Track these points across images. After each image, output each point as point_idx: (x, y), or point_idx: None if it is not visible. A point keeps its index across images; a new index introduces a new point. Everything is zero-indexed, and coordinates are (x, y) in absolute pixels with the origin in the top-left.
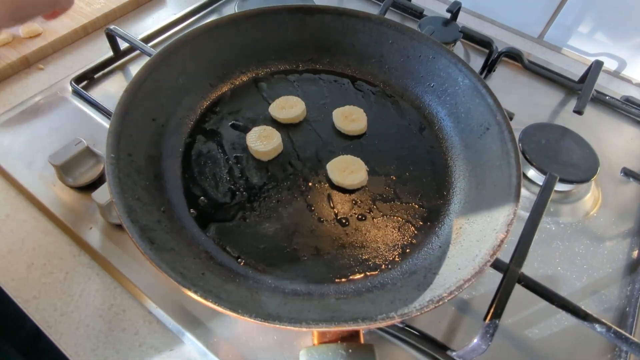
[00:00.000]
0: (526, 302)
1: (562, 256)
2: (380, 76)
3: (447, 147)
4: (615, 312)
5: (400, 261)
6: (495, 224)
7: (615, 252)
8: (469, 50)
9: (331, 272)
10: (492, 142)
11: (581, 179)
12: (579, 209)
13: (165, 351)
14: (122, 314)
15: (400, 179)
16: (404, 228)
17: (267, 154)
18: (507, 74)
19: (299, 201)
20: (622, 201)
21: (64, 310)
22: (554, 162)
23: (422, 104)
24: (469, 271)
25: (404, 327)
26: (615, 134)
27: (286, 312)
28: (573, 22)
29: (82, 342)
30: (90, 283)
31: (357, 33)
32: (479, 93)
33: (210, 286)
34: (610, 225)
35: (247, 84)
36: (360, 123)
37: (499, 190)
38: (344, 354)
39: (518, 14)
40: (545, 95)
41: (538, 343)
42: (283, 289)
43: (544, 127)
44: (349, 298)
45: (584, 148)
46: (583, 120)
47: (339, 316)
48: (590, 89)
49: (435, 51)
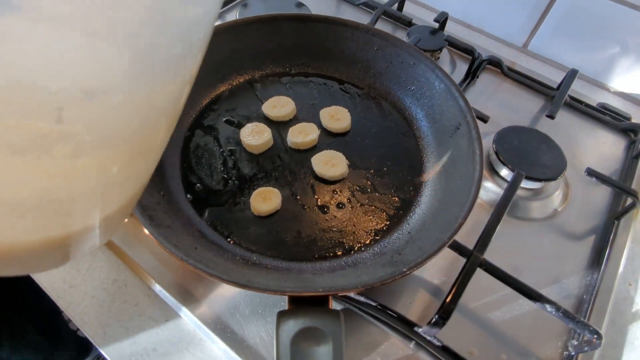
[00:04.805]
0: (492, 289)
1: (529, 249)
2: (366, 80)
3: (423, 146)
4: (575, 300)
5: (372, 244)
6: (457, 213)
7: (579, 246)
8: (455, 57)
9: (310, 253)
10: (461, 140)
11: (547, 177)
12: (548, 206)
13: (162, 322)
14: (124, 288)
15: (378, 173)
16: (379, 216)
17: (258, 147)
18: (490, 81)
19: (284, 190)
20: (589, 200)
21: (72, 283)
22: (524, 161)
23: (403, 106)
24: (429, 252)
25: (378, 306)
26: (589, 137)
27: (265, 281)
28: (555, 33)
29: (88, 311)
30: (97, 260)
31: (346, 40)
32: (452, 96)
33: (201, 258)
34: (576, 221)
35: (243, 85)
36: (345, 122)
37: (463, 184)
38: (312, 315)
39: (504, 24)
40: (524, 101)
41: (501, 325)
42: (266, 264)
43: (518, 129)
44: (323, 274)
45: (553, 150)
46: (558, 125)
47: (310, 285)
48: (563, 95)
49: (415, 58)
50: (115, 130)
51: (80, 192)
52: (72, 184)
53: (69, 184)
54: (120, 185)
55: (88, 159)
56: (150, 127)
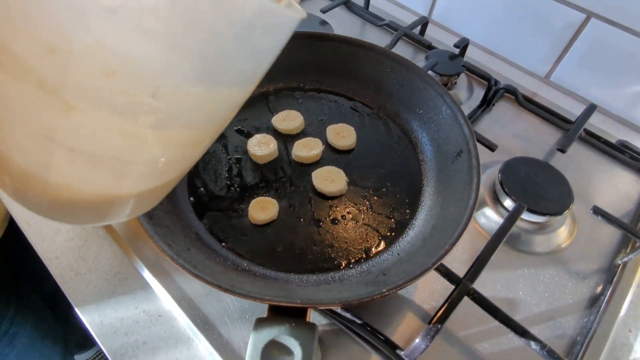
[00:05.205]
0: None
1: (526, 283)
2: (377, 100)
3: (425, 170)
4: (568, 340)
5: (361, 262)
6: (446, 240)
7: (579, 286)
8: (473, 83)
9: (299, 265)
10: (461, 167)
11: (551, 211)
12: (551, 241)
13: (155, 317)
14: (124, 281)
15: (377, 193)
16: (371, 235)
17: (263, 157)
18: (506, 109)
19: (283, 201)
20: (596, 239)
21: (78, 271)
22: (529, 193)
23: (410, 129)
24: (411, 276)
25: (363, 324)
26: (604, 175)
27: (249, 287)
28: (578, 65)
29: (89, 298)
30: (103, 252)
31: (360, 60)
32: (457, 122)
33: (191, 259)
34: (580, 259)
35: (257, 97)
36: (349, 140)
37: (457, 211)
38: (287, 326)
39: (527, 53)
40: (540, 133)
41: (488, 356)
42: (255, 272)
43: (527, 160)
44: (308, 287)
45: (561, 184)
46: (572, 159)
47: (290, 296)
48: (578, 129)
49: (425, 82)
50: (187, 116)
51: (141, 160)
52: (139, 150)
53: (137, 149)
54: (169, 165)
55: (161, 133)
56: (210, 121)
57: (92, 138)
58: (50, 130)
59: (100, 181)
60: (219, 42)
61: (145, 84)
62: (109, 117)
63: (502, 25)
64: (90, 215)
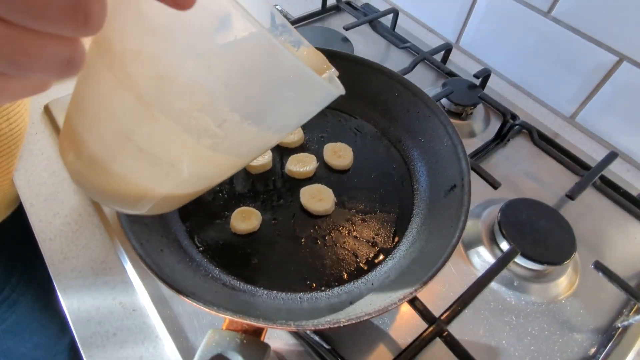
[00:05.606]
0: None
1: (512, 332)
2: (382, 123)
3: (417, 200)
4: None
5: (333, 287)
6: (421, 276)
7: (570, 344)
8: (490, 114)
9: (269, 280)
10: (452, 202)
11: (548, 260)
12: (547, 291)
13: (129, 310)
14: (108, 271)
15: (363, 217)
16: (349, 260)
17: (256, 168)
18: (522, 146)
19: (266, 213)
20: (598, 296)
21: (67, 255)
22: (527, 238)
23: (409, 157)
24: (374, 308)
25: (331, 350)
26: (618, 229)
27: (211, 296)
28: (605, 109)
29: (71, 283)
30: (94, 240)
31: (370, 81)
32: (456, 156)
33: (161, 261)
34: (575, 315)
35: None
36: (345, 160)
37: (439, 247)
38: (238, 342)
39: (553, 91)
40: (553, 175)
41: None
42: (224, 281)
43: (531, 203)
44: (273, 304)
45: (565, 232)
46: (586, 208)
47: (250, 312)
48: (592, 177)
49: (431, 110)
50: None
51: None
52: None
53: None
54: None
55: (212, 153)
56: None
57: (160, 144)
58: (130, 131)
59: (150, 178)
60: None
61: (217, 117)
62: (179, 132)
63: (531, 59)
64: (122, 202)
